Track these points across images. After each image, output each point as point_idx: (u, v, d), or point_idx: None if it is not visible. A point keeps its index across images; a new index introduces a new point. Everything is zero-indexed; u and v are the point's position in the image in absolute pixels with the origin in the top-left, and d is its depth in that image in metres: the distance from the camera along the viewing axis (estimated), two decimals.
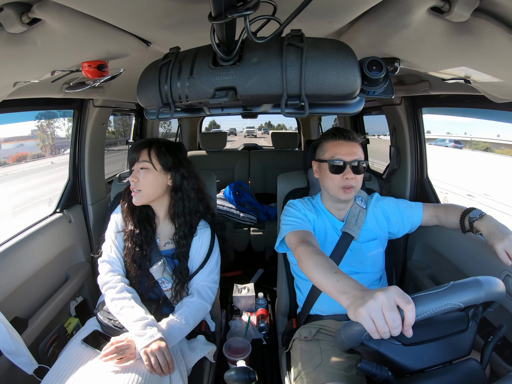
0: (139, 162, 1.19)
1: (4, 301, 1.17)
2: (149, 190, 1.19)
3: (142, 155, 1.19)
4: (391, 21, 0.64)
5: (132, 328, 1.04)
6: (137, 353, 0.99)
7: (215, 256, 1.27)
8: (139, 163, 1.19)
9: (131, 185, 1.19)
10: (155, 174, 1.19)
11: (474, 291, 0.69)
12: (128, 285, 1.17)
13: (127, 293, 1.12)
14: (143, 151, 1.20)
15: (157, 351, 0.97)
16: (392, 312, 0.62)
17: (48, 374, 0.97)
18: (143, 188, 1.18)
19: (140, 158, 1.19)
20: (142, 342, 0.99)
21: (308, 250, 0.96)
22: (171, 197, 1.25)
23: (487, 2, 0.53)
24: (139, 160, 1.19)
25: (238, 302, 1.86)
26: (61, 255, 1.58)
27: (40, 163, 7.50)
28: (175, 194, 1.24)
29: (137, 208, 1.24)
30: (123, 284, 1.15)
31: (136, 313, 1.06)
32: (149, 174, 1.18)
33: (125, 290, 1.13)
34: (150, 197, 1.21)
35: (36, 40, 0.67)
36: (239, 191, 2.77)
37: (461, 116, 1.79)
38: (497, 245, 0.96)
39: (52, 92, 1.22)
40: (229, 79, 0.65)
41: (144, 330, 1.01)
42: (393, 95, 0.75)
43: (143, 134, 2.74)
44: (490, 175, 6.44)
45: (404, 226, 1.30)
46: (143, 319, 1.05)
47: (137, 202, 1.20)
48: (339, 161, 1.16)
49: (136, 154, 1.19)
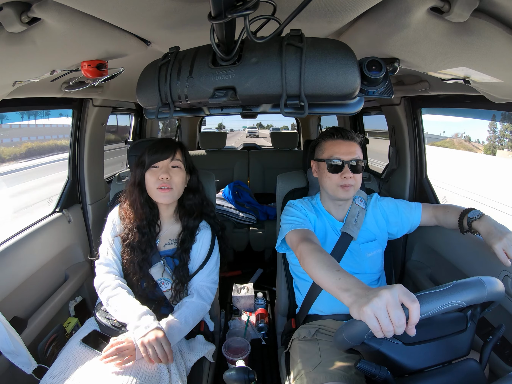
0: (174, 160, 1.18)
1: (4, 301, 1.16)
2: (180, 189, 1.20)
3: (177, 153, 1.19)
4: (391, 21, 0.64)
5: (128, 321, 1.03)
6: (137, 354, 0.99)
7: (215, 257, 1.27)
8: (173, 160, 1.18)
9: (161, 182, 1.14)
10: (184, 174, 1.21)
11: (477, 290, 0.69)
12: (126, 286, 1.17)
13: (121, 289, 1.12)
14: (178, 150, 1.20)
15: (154, 342, 0.96)
16: (397, 310, 0.62)
17: (47, 374, 0.97)
18: (175, 186, 1.16)
19: (175, 156, 1.18)
20: (138, 333, 0.99)
21: (310, 247, 0.96)
22: (184, 198, 1.26)
23: (486, 2, 0.53)
24: (175, 158, 1.18)
25: (237, 302, 1.86)
26: (60, 254, 1.58)
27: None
28: (193, 195, 1.26)
29: (147, 207, 1.21)
30: (118, 282, 1.14)
31: (130, 305, 1.06)
32: (182, 173, 1.19)
33: (119, 286, 1.13)
34: (178, 197, 1.22)
35: (35, 40, 0.67)
36: (238, 191, 2.77)
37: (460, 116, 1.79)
38: (496, 245, 0.96)
39: (51, 91, 1.22)
40: (229, 79, 0.65)
41: (139, 321, 1.01)
42: (393, 95, 0.75)
43: (143, 134, 2.73)
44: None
45: (403, 227, 1.30)
46: (138, 310, 1.04)
47: (168, 201, 1.18)
48: (338, 160, 1.16)
49: (169, 152, 1.17)
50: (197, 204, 1.27)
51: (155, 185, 1.15)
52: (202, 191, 1.31)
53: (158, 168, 1.16)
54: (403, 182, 1.74)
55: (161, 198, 1.16)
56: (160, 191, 1.14)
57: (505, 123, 4.82)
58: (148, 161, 1.16)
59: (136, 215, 1.20)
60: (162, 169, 1.15)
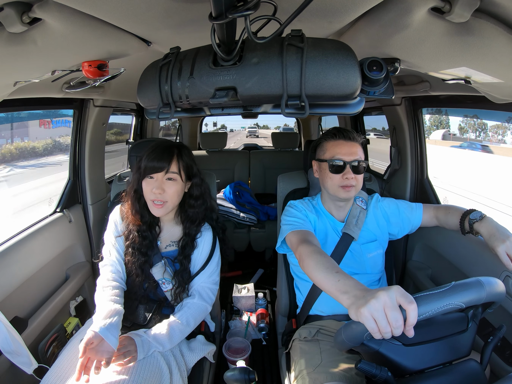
0: (168, 173, 1.11)
1: (4, 301, 1.17)
2: (175, 202, 1.15)
3: (172, 166, 1.11)
4: (392, 22, 0.64)
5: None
6: (139, 354, 0.99)
7: (216, 258, 1.27)
8: (168, 173, 1.11)
9: (154, 197, 1.10)
10: (181, 185, 1.15)
11: (476, 291, 0.69)
12: (123, 285, 1.16)
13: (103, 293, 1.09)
14: (173, 161, 1.11)
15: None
16: (395, 312, 0.62)
17: (48, 374, 0.97)
18: (170, 199, 1.12)
19: (170, 169, 1.11)
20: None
21: (309, 249, 0.96)
22: (185, 203, 1.22)
23: (487, 2, 0.53)
24: (169, 171, 1.11)
25: (238, 302, 1.86)
26: (61, 254, 1.58)
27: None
28: (195, 201, 1.21)
29: (145, 212, 1.19)
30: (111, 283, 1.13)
31: (99, 307, 1.04)
32: (177, 186, 1.13)
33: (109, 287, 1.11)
34: (173, 208, 1.18)
35: (36, 40, 0.67)
36: (239, 191, 2.78)
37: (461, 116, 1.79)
38: (499, 247, 0.96)
39: (52, 91, 1.22)
40: (230, 79, 0.65)
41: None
42: (393, 96, 0.75)
43: (143, 134, 2.74)
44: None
45: (404, 227, 1.30)
46: (100, 315, 1.01)
47: (161, 214, 1.15)
48: (339, 161, 1.16)
49: (163, 164, 1.10)
50: (200, 212, 1.24)
51: (150, 197, 1.12)
52: (207, 195, 1.25)
53: (153, 180, 1.11)
54: (404, 183, 1.74)
55: (155, 211, 1.14)
56: (153, 205, 1.12)
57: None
58: (143, 170, 1.12)
59: (135, 219, 1.19)
60: (157, 183, 1.10)
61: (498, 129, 8.97)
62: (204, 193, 1.24)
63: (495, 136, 9.34)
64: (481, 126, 9.80)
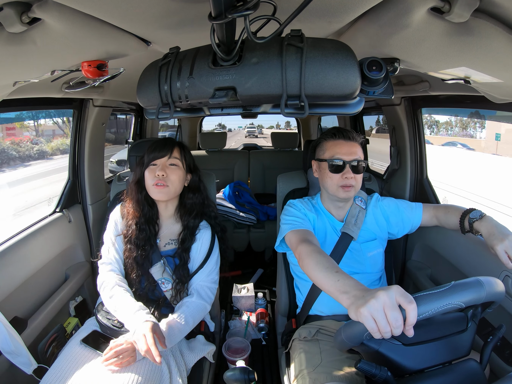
0: (171, 158, 1.19)
1: (4, 301, 1.17)
2: (176, 187, 1.20)
3: (175, 152, 1.20)
4: (391, 22, 0.64)
5: (125, 321, 1.04)
6: (138, 355, 0.99)
7: (214, 256, 1.27)
8: (170, 159, 1.19)
9: (157, 179, 1.16)
10: (182, 172, 1.22)
11: (475, 291, 0.69)
12: (125, 283, 1.17)
13: (118, 287, 1.12)
14: (176, 148, 1.21)
15: (141, 335, 0.93)
16: (394, 311, 0.62)
17: (47, 374, 0.97)
18: (171, 184, 1.17)
19: (172, 155, 1.19)
20: (132, 330, 0.99)
21: (309, 249, 0.96)
22: (185, 197, 1.27)
23: (487, 2, 0.53)
24: (172, 156, 1.19)
25: (237, 302, 1.86)
26: (60, 255, 1.58)
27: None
28: (193, 195, 1.27)
29: (145, 205, 1.23)
30: (116, 280, 1.14)
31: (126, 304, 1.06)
32: (179, 171, 1.20)
33: (117, 285, 1.13)
34: (174, 194, 1.22)
35: (36, 40, 0.67)
36: (238, 191, 2.78)
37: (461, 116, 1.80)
38: (497, 246, 0.96)
39: (52, 91, 1.22)
40: (229, 79, 0.65)
41: (133, 319, 1.01)
42: (393, 96, 0.75)
43: (143, 134, 2.74)
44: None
45: (404, 227, 1.30)
46: (131, 308, 1.04)
47: (162, 197, 1.19)
48: (339, 160, 1.16)
49: (166, 150, 1.19)
50: (197, 204, 1.28)
51: (152, 182, 1.17)
52: (204, 191, 1.32)
53: (156, 166, 1.18)
54: (404, 183, 1.74)
55: (156, 194, 1.18)
56: (156, 187, 1.16)
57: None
58: (147, 159, 1.19)
59: (135, 211, 1.22)
60: (159, 167, 1.17)
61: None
62: (202, 189, 1.31)
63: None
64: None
